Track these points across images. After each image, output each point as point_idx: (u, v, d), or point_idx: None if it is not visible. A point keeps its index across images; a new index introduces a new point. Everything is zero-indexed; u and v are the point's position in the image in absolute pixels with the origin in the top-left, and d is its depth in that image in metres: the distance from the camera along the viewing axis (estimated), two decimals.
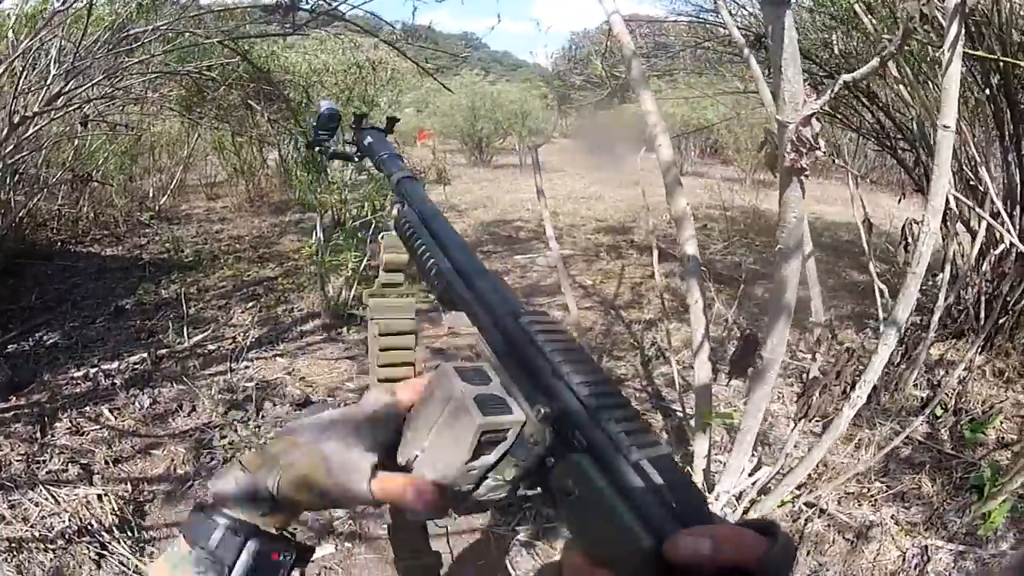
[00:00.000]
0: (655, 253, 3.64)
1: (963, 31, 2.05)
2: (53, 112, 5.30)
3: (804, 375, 3.65)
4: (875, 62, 2.06)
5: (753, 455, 2.97)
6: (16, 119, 4.61)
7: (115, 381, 4.35)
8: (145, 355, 4.67)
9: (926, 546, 2.91)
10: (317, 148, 1.29)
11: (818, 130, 2.03)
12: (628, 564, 0.49)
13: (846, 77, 2.04)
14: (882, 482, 3.33)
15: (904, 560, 2.87)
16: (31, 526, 2.95)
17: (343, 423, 0.74)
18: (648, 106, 2.71)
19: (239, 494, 0.72)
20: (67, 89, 4.92)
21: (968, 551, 2.88)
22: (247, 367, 4.69)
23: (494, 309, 0.74)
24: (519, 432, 0.65)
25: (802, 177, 2.15)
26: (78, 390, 4.26)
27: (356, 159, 1.30)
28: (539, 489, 0.65)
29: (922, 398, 3.97)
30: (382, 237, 1.08)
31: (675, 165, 2.73)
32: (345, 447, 0.71)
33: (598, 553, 0.52)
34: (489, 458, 0.65)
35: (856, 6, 3.51)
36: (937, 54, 2.34)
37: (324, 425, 0.74)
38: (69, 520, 2.99)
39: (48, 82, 4.73)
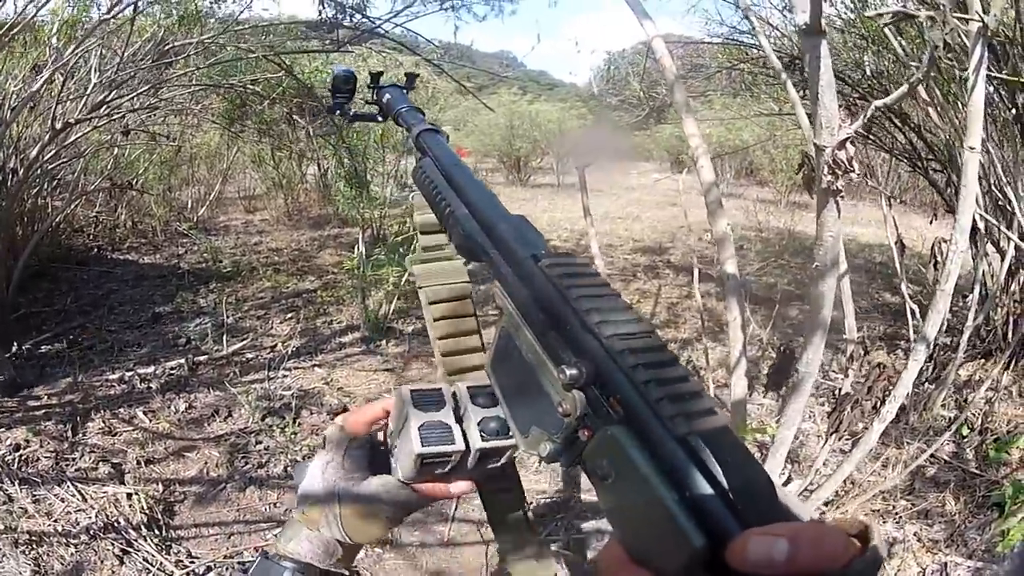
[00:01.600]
0: (696, 273, 3.66)
1: (987, 54, 2.10)
2: (95, 120, 5.45)
3: (836, 393, 3.67)
4: (904, 88, 2.19)
5: (783, 471, 3.00)
6: (59, 125, 4.74)
7: (151, 385, 4.45)
8: (182, 361, 4.76)
9: (945, 563, 2.92)
10: (338, 112, 1.26)
11: (852, 153, 2.10)
12: (674, 566, 0.40)
13: (878, 102, 2.13)
14: (907, 500, 3.34)
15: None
16: (54, 521, 3.01)
17: (335, 467, 0.83)
18: (690, 130, 2.76)
19: (317, 549, 0.81)
20: (109, 99, 5.05)
21: (985, 567, 2.90)
22: (285, 376, 4.77)
23: (513, 253, 0.67)
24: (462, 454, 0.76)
25: (838, 198, 2.21)
26: (112, 392, 4.36)
27: (379, 119, 1.25)
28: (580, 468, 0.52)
29: (949, 418, 3.95)
30: (412, 198, 1.02)
31: (716, 186, 2.77)
32: (354, 482, 0.82)
33: (640, 549, 0.44)
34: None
35: (886, 29, 3.53)
36: (964, 75, 2.37)
37: (324, 475, 0.83)
38: (95, 517, 3.06)
39: (88, 91, 4.86)
